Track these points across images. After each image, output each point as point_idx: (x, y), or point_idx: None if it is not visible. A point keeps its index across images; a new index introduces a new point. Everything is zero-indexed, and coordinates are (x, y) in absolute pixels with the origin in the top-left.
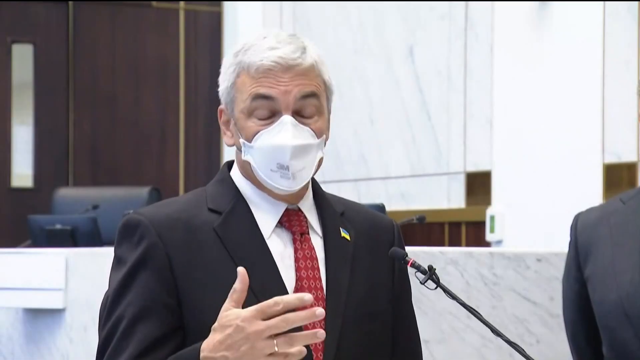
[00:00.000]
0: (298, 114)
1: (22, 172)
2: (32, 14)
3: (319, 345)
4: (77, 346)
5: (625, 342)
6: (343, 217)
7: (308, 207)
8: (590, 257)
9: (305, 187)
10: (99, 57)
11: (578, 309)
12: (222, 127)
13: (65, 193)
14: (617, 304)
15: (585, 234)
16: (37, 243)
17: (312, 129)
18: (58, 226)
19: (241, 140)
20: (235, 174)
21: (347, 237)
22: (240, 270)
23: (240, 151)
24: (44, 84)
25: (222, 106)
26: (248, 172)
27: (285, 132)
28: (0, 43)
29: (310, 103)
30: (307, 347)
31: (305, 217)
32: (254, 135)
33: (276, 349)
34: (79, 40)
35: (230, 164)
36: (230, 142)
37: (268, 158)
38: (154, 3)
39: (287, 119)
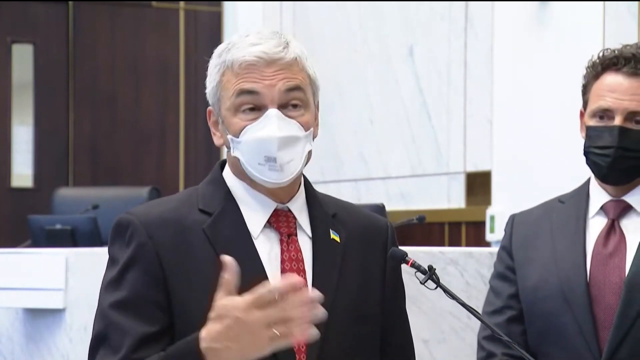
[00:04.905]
0: (284, 108)
1: (22, 172)
2: (32, 14)
3: (302, 347)
4: (77, 346)
5: (563, 327)
6: (335, 218)
7: (299, 208)
8: (526, 248)
9: (296, 185)
10: (99, 57)
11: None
12: (212, 128)
13: (65, 193)
14: (557, 288)
15: (523, 228)
16: (37, 243)
17: (298, 122)
18: (58, 226)
19: (229, 137)
20: (227, 173)
21: (337, 239)
22: (226, 259)
23: (229, 149)
24: (44, 84)
25: (210, 107)
26: (239, 169)
27: (271, 124)
28: (0, 43)
29: (296, 96)
30: (289, 349)
31: (294, 217)
32: (241, 131)
33: (277, 333)
34: (79, 40)
35: (223, 164)
36: (219, 142)
37: (255, 152)
38: (154, 3)
39: (272, 112)
